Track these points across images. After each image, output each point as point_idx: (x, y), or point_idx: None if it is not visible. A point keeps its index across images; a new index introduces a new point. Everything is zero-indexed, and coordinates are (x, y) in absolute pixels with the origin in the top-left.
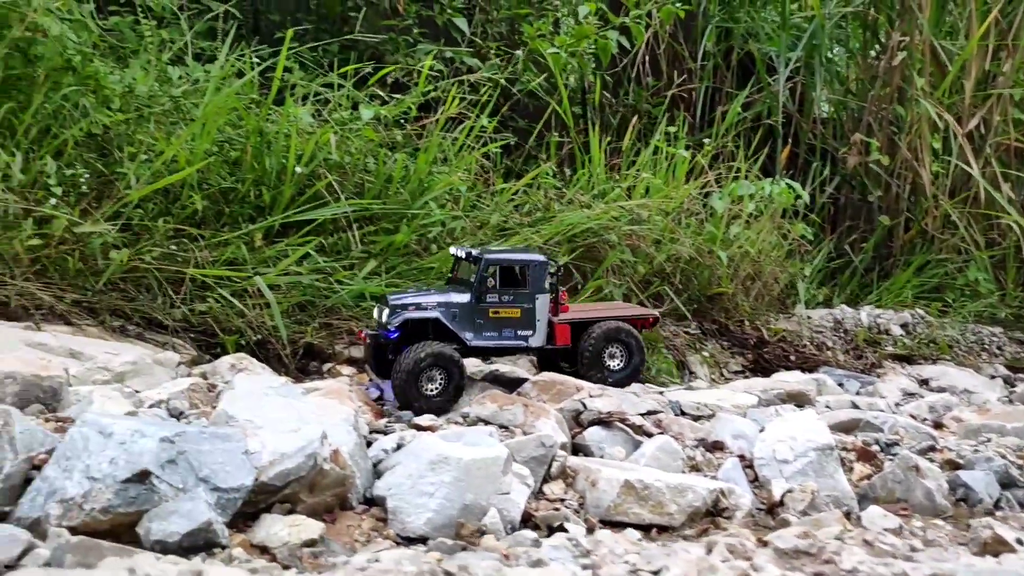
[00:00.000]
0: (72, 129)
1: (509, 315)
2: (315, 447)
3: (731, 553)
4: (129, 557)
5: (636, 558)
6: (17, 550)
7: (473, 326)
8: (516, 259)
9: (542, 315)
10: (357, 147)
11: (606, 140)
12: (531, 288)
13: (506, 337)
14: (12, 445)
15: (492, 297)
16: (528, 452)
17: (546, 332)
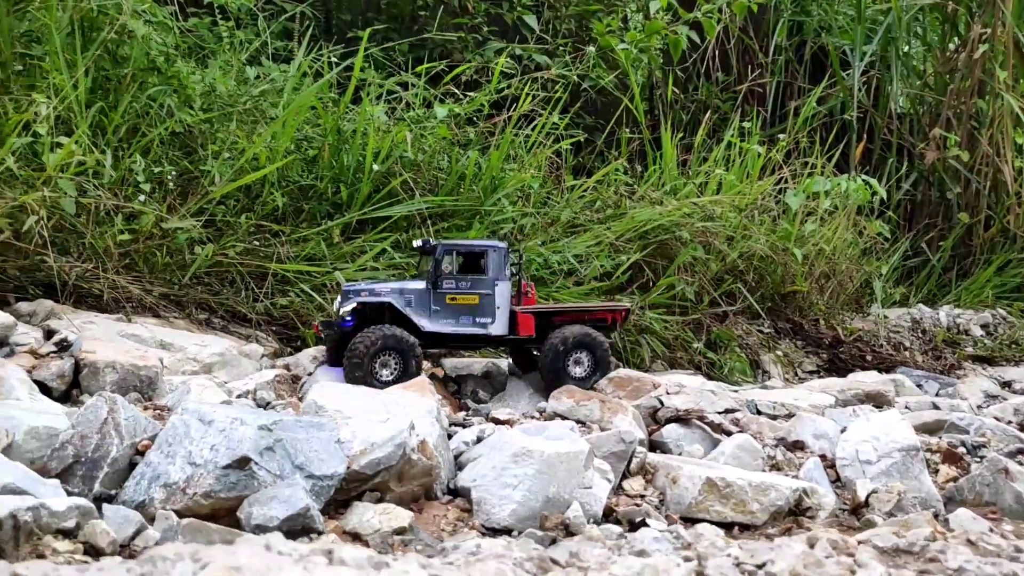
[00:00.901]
0: (158, 128)
1: (467, 301)
2: (404, 437)
3: (834, 549)
4: (262, 535)
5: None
6: (131, 530)
7: (429, 313)
8: (474, 244)
9: (503, 302)
10: (431, 145)
11: (677, 136)
12: (490, 274)
13: (464, 324)
14: (118, 431)
15: (449, 283)
16: (608, 448)
17: (508, 321)
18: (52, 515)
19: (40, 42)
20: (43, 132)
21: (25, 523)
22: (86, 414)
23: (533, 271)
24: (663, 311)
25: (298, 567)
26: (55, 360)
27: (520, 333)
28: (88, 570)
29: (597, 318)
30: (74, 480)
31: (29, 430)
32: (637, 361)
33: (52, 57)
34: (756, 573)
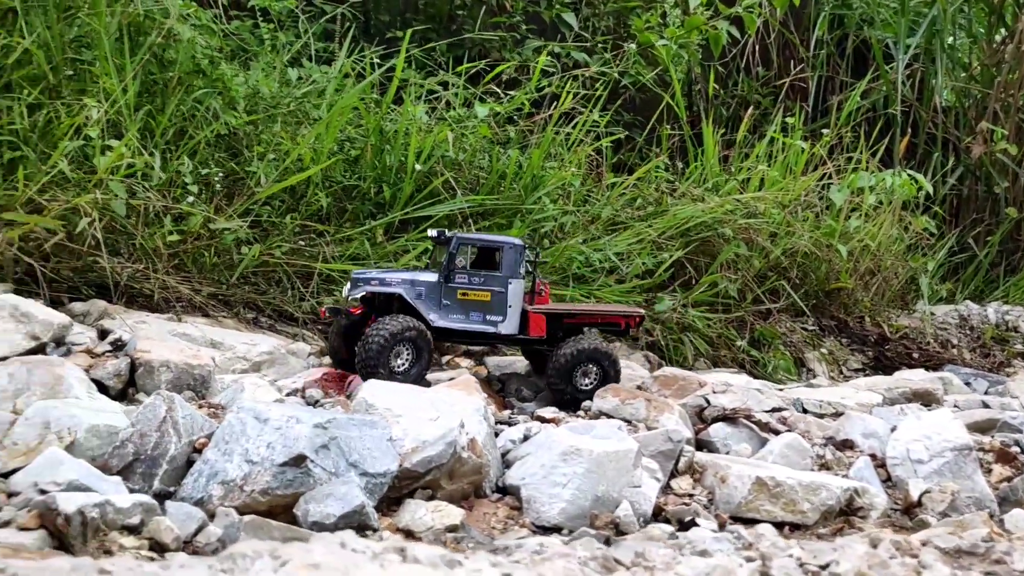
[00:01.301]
0: (204, 131)
1: (478, 298)
2: (454, 435)
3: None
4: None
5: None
6: (193, 526)
7: (439, 307)
8: (489, 240)
9: (515, 301)
10: (472, 144)
11: (719, 132)
12: (504, 272)
13: (474, 321)
14: (176, 429)
15: (461, 278)
16: (655, 447)
17: (519, 321)
18: (117, 512)
19: (89, 47)
20: (94, 135)
21: (92, 519)
22: (145, 412)
23: (574, 269)
24: (706, 309)
25: (374, 564)
26: (111, 359)
27: (531, 334)
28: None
29: (610, 322)
30: (134, 477)
31: (90, 428)
32: (680, 359)
33: (101, 62)
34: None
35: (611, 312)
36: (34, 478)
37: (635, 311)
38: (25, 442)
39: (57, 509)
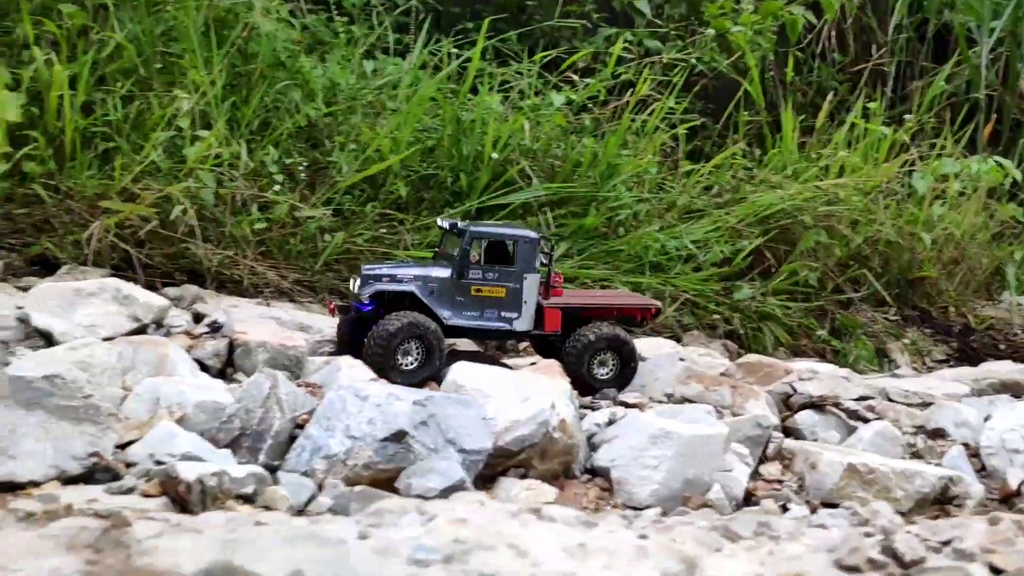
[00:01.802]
0: (287, 122)
1: (493, 294)
2: (546, 415)
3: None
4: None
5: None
6: (305, 496)
7: (452, 304)
8: (504, 233)
9: (530, 297)
10: (547, 132)
11: (799, 118)
12: (519, 266)
13: (488, 318)
14: (280, 406)
15: (475, 273)
16: (744, 432)
17: (534, 316)
18: (232, 480)
19: (176, 41)
20: (185, 126)
21: (211, 487)
22: (250, 389)
23: (650, 257)
24: (785, 298)
25: (514, 522)
26: (210, 340)
27: (546, 329)
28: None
29: (626, 314)
30: (241, 451)
31: (198, 404)
32: (759, 348)
33: (189, 55)
34: (942, 550)
35: (626, 305)
36: (150, 449)
37: (650, 303)
38: (137, 416)
39: (178, 477)
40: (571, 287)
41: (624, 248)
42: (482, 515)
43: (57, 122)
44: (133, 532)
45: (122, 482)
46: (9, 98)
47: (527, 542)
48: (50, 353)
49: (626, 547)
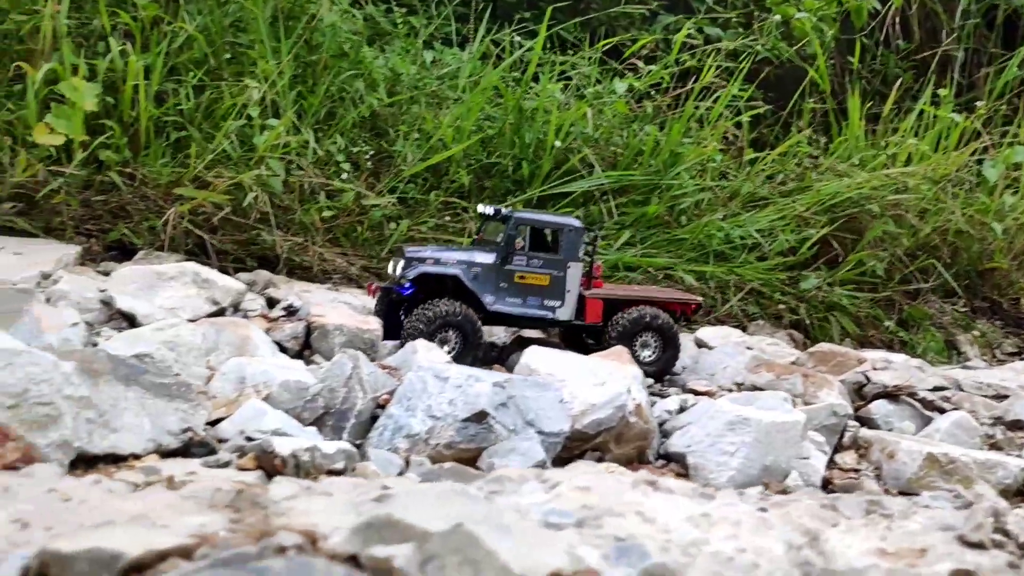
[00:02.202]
0: (351, 112)
1: (536, 282)
2: (623, 399)
3: None
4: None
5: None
6: (394, 472)
7: (496, 290)
8: (549, 221)
9: (573, 286)
10: (609, 119)
11: (866, 106)
12: (564, 255)
13: (531, 305)
14: (362, 385)
15: (519, 260)
16: (819, 420)
17: (575, 305)
18: (324, 456)
19: (245, 31)
20: (255, 115)
21: (304, 462)
22: (333, 369)
23: (714, 246)
24: (852, 288)
25: (636, 491)
26: (288, 323)
27: (587, 320)
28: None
29: (666, 308)
30: (325, 429)
31: (282, 383)
32: (825, 339)
33: (259, 45)
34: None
35: (668, 299)
36: (240, 426)
37: (692, 298)
38: (225, 395)
39: (274, 451)
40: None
41: (687, 237)
42: (604, 483)
43: (131, 111)
44: (269, 494)
45: (218, 456)
46: (87, 88)
47: (652, 510)
48: (138, 333)
49: (748, 518)
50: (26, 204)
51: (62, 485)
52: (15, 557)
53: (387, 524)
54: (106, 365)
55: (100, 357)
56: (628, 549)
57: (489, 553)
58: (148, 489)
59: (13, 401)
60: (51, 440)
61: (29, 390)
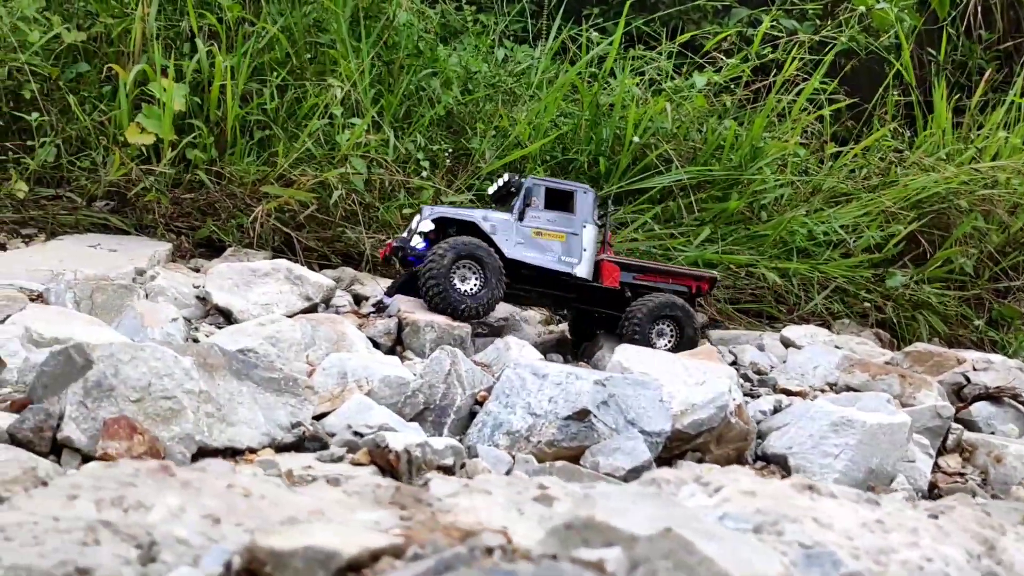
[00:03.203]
0: (429, 111)
1: (553, 238)
2: (725, 400)
3: None
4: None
5: None
6: (504, 469)
7: (514, 243)
8: (563, 184)
9: (589, 246)
10: (690, 113)
11: (954, 99)
12: (579, 215)
13: (549, 258)
14: (460, 382)
15: (535, 217)
16: (922, 422)
17: (592, 267)
18: (434, 452)
19: (326, 31)
20: (338, 114)
21: (416, 458)
22: (432, 365)
23: (796, 242)
24: (939, 285)
25: (803, 496)
26: (380, 319)
27: (604, 282)
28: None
29: (681, 282)
30: (425, 425)
31: (383, 378)
32: (912, 338)
33: (340, 44)
34: None
35: (681, 272)
36: (346, 420)
37: (707, 273)
38: (328, 389)
39: (387, 447)
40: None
41: (769, 233)
42: (767, 488)
43: (217, 111)
44: (430, 491)
45: (331, 451)
46: (176, 89)
47: (826, 516)
48: (241, 328)
49: (922, 525)
50: (118, 202)
51: (238, 480)
52: (215, 552)
53: (588, 526)
54: (220, 360)
55: (214, 352)
56: (818, 556)
57: (704, 559)
58: (312, 485)
59: (138, 395)
60: (174, 434)
61: (152, 384)
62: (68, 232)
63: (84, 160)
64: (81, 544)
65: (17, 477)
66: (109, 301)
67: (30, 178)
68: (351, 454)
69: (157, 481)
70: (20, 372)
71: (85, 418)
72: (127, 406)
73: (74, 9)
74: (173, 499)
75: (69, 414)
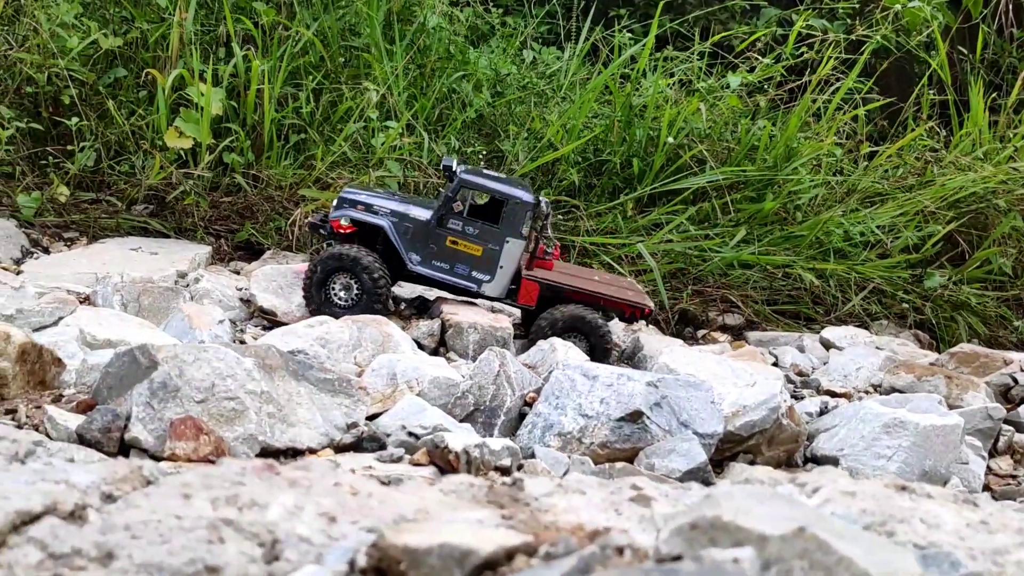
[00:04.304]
0: (460, 113)
1: (468, 250)
2: (776, 401)
3: None
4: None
5: None
6: (561, 470)
7: (424, 250)
8: (495, 189)
9: (507, 263)
10: (724, 113)
11: (989, 97)
12: (504, 228)
13: (458, 273)
14: (510, 383)
15: (455, 224)
16: (973, 424)
17: (508, 283)
18: (491, 453)
19: (358, 35)
20: (374, 117)
21: (475, 458)
22: (481, 367)
23: (832, 243)
24: (979, 286)
25: (902, 496)
26: (423, 321)
27: (520, 300)
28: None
29: (613, 307)
30: (476, 426)
31: (432, 380)
32: (951, 339)
33: (374, 48)
34: None
35: (614, 297)
36: (400, 421)
37: (644, 303)
38: (379, 390)
39: (447, 447)
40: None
41: (805, 234)
42: (865, 488)
43: (254, 115)
44: (526, 490)
45: (390, 451)
46: (213, 93)
47: (932, 516)
48: (291, 330)
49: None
50: (157, 205)
51: (344, 478)
52: (339, 550)
53: (715, 526)
54: (278, 360)
55: (272, 353)
56: (935, 557)
57: (843, 558)
58: (408, 484)
59: (202, 396)
60: (238, 434)
61: (216, 385)
62: (109, 235)
63: (124, 164)
64: (207, 542)
65: (126, 476)
66: (156, 303)
67: (71, 182)
68: (409, 455)
69: (264, 480)
70: (78, 373)
71: (152, 419)
72: (192, 407)
73: (110, 15)
74: (288, 497)
75: (136, 415)
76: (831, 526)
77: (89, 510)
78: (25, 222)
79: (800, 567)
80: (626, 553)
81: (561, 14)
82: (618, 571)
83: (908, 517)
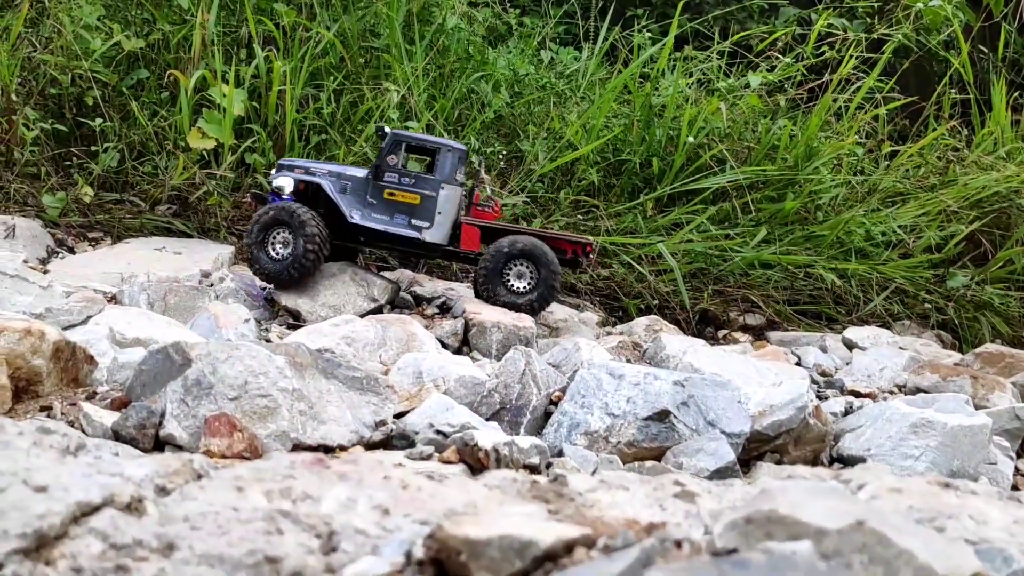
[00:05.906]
0: (480, 114)
1: (406, 200)
2: (804, 401)
3: None
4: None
5: None
6: (590, 469)
7: (363, 204)
8: (426, 140)
9: (445, 208)
10: (744, 112)
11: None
12: (438, 175)
13: (397, 224)
14: (535, 382)
15: (391, 177)
16: (1000, 424)
17: (449, 231)
18: (520, 451)
19: (378, 36)
20: (394, 118)
21: (504, 456)
22: (507, 366)
23: (854, 243)
24: (1002, 286)
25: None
26: (446, 320)
27: (462, 246)
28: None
29: (556, 247)
30: (502, 425)
31: (458, 378)
32: (975, 340)
33: (395, 49)
34: None
35: (557, 236)
36: (428, 419)
37: (584, 239)
38: (405, 389)
39: (477, 445)
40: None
41: (826, 233)
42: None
43: (275, 115)
44: (570, 485)
45: (420, 448)
46: (235, 94)
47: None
48: (317, 329)
49: None
50: (180, 206)
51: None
52: (395, 542)
53: (771, 520)
54: (308, 359)
55: (302, 351)
56: (987, 552)
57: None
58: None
59: (235, 393)
60: (271, 431)
61: (249, 383)
62: (133, 235)
63: (147, 165)
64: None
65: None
66: (182, 303)
67: (95, 183)
68: (438, 452)
69: (314, 473)
70: (109, 371)
71: (186, 416)
72: (225, 404)
73: (133, 17)
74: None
75: (170, 412)
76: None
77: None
78: (50, 222)
79: (860, 560)
80: (684, 546)
81: (579, 14)
82: (680, 564)
83: (956, 513)
